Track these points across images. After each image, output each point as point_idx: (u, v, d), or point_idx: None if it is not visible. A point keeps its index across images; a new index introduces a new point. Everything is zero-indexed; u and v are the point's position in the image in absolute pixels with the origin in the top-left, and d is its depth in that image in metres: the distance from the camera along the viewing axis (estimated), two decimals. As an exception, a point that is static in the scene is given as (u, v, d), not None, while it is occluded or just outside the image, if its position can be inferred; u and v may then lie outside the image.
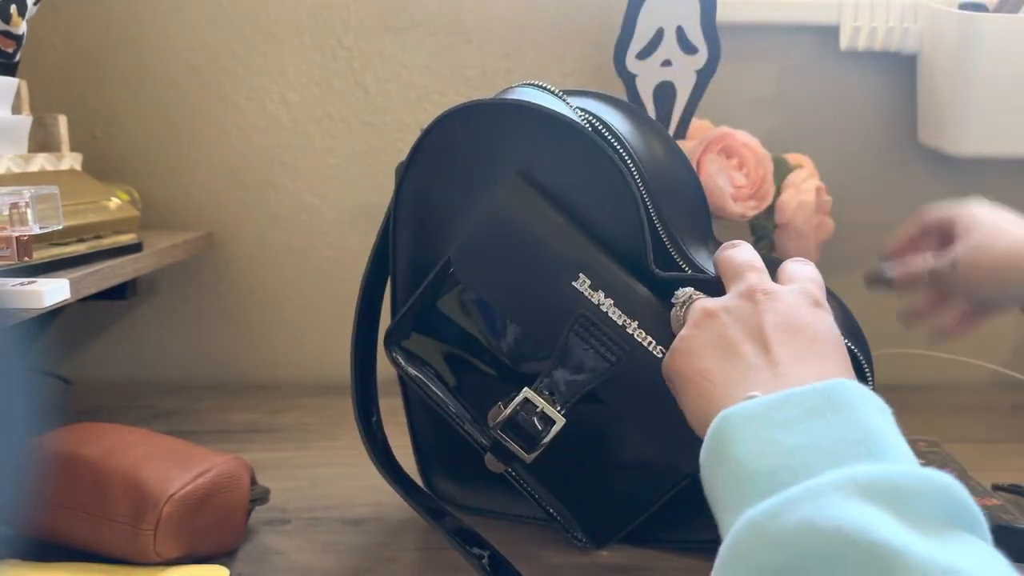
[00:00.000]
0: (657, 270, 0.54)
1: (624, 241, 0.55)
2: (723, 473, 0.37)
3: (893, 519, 0.31)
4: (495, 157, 0.57)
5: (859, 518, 0.31)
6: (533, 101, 0.56)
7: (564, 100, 0.58)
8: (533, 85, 0.60)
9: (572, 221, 0.55)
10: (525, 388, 0.54)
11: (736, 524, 0.34)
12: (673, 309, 0.51)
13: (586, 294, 0.54)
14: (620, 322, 0.53)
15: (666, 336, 0.52)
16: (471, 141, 0.57)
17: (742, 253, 0.50)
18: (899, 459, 0.35)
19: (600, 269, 0.54)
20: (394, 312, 0.63)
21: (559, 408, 0.54)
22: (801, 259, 0.50)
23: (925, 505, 0.32)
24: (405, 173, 0.60)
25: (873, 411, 0.37)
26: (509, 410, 0.54)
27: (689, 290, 0.51)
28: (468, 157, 0.58)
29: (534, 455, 0.54)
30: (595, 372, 0.54)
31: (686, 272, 0.56)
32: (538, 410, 0.54)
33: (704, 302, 0.48)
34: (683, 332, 0.47)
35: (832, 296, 0.64)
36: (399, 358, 0.59)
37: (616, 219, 0.55)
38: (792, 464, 0.35)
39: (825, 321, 0.45)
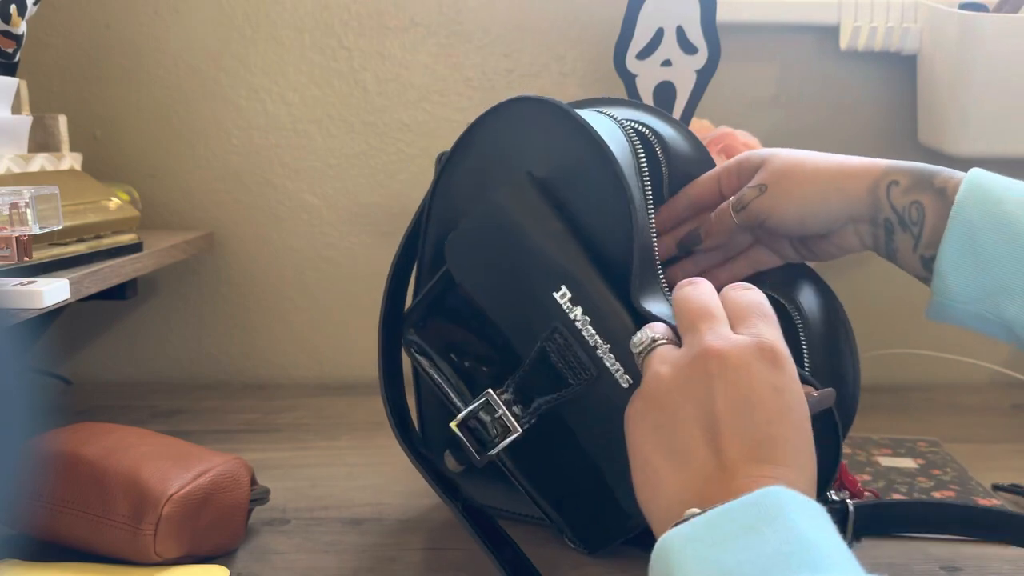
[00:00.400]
0: (642, 306, 0.52)
1: (620, 267, 0.53)
2: None
3: None
4: (521, 157, 0.56)
5: None
6: (579, 112, 0.55)
7: (610, 116, 0.59)
8: (597, 110, 0.60)
9: (570, 232, 0.54)
10: (488, 390, 0.53)
11: None
12: (635, 352, 0.48)
13: (564, 307, 0.52)
14: (592, 342, 0.52)
15: (638, 370, 0.49)
16: (505, 140, 0.57)
17: (697, 296, 0.47)
18: (838, 568, 0.34)
19: (584, 285, 0.52)
20: (415, 296, 0.63)
21: (519, 416, 0.53)
22: (742, 285, 0.48)
23: None
24: (445, 165, 0.60)
25: (809, 518, 0.36)
26: (467, 410, 0.53)
27: (649, 335, 0.47)
28: (497, 155, 0.57)
29: (485, 459, 0.53)
30: (559, 388, 0.53)
31: (660, 310, 0.53)
32: (497, 415, 0.53)
33: (657, 360, 0.45)
34: (636, 403, 0.45)
35: (820, 287, 0.63)
36: (409, 344, 0.59)
37: (616, 244, 0.53)
38: None
39: (780, 389, 0.42)
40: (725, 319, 0.45)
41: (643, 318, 0.51)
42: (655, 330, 0.47)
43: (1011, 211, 0.55)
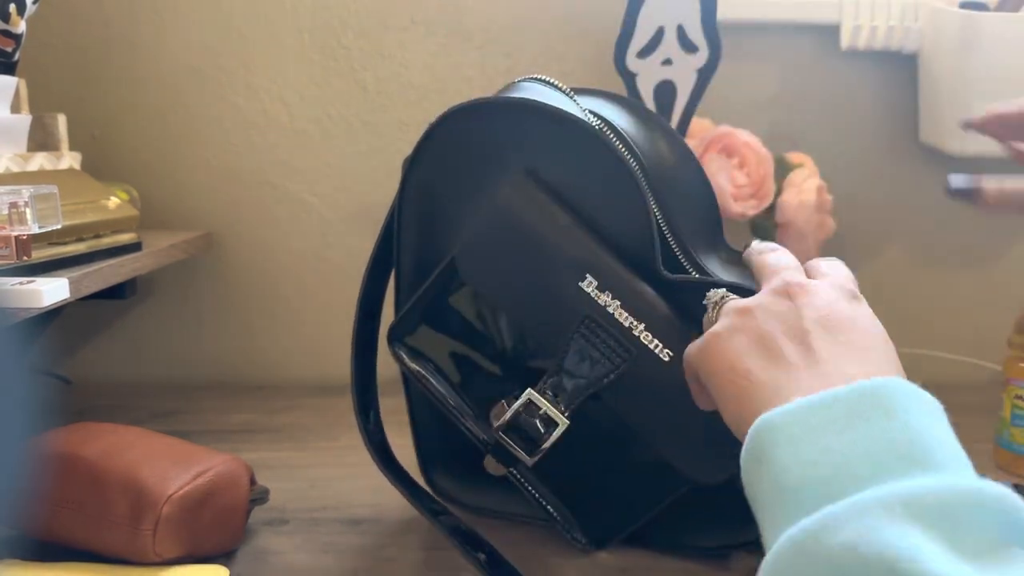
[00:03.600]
0: (666, 272, 0.54)
1: (631, 243, 0.54)
2: (764, 480, 0.35)
3: (941, 544, 0.30)
4: (502, 155, 0.56)
5: (904, 545, 0.29)
6: (541, 99, 0.55)
7: (572, 98, 0.58)
8: (542, 80, 0.59)
9: (579, 222, 0.54)
10: (528, 389, 0.54)
11: (778, 542, 0.33)
12: (705, 312, 0.49)
13: (593, 295, 0.53)
14: (627, 324, 0.53)
15: (674, 339, 0.52)
16: (478, 138, 0.57)
17: (782, 258, 0.48)
18: (950, 468, 0.33)
19: (607, 270, 0.53)
20: (397, 308, 0.63)
21: (562, 410, 0.53)
22: (830, 258, 0.49)
23: (977, 523, 0.30)
24: (410, 168, 0.59)
25: (923, 413, 0.35)
26: (511, 412, 0.54)
27: (722, 291, 0.49)
28: (475, 154, 0.57)
29: (536, 458, 0.54)
30: (600, 375, 0.53)
31: (692, 276, 0.55)
32: (540, 412, 0.53)
33: (738, 301, 0.46)
34: (715, 328, 0.45)
35: None
36: (402, 354, 0.59)
37: (624, 221, 0.54)
38: (836, 475, 0.33)
39: (865, 313, 0.43)
40: (802, 269, 0.46)
41: (673, 290, 0.53)
42: (722, 290, 0.49)
43: None
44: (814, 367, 0.39)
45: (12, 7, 0.75)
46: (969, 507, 0.31)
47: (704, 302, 0.50)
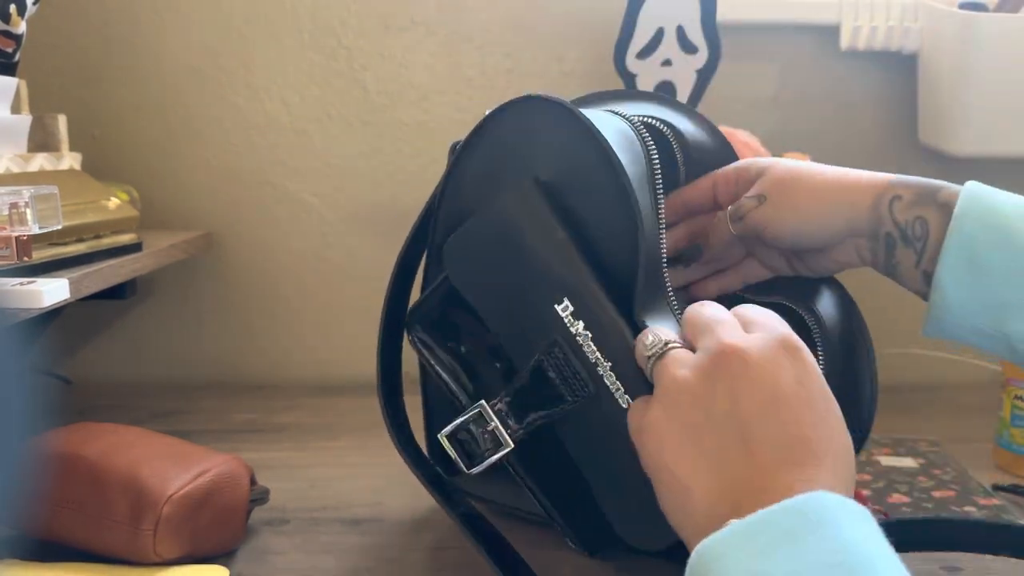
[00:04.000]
0: (645, 322, 0.50)
1: (624, 282, 0.51)
2: None
3: None
4: (533, 160, 0.55)
5: None
6: (598, 114, 0.54)
7: (617, 112, 0.57)
8: (610, 110, 0.58)
9: (574, 243, 0.51)
10: (481, 400, 0.52)
11: None
12: (643, 356, 0.46)
13: (565, 320, 0.50)
14: (592, 359, 0.50)
15: (639, 388, 0.48)
16: (519, 136, 0.55)
17: (708, 308, 0.46)
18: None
19: (587, 299, 0.50)
20: (423, 291, 0.62)
21: (511, 431, 0.51)
22: (751, 305, 0.47)
23: None
24: (460, 153, 0.58)
25: (851, 523, 0.35)
26: (459, 420, 0.52)
27: (662, 338, 0.45)
28: (514, 153, 0.55)
29: (475, 471, 0.52)
30: (555, 403, 0.51)
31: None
32: (489, 428, 0.51)
33: (673, 364, 0.44)
34: (652, 410, 0.43)
35: (839, 295, 0.63)
36: (416, 340, 0.58)
37: (621, 259, 0.51)
38: None
39: (806, 377, 0.41)
40: (738, 323, 0.44)
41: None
42: (666, 334, 0.46)
43: (1011, 223, 0.53)
44: (754, 478, 0.39)
45: (12, 8, 0.75)
46: None
47: (639, 346, 0.47)
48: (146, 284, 1.02)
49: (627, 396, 0.48)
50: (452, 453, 0.52)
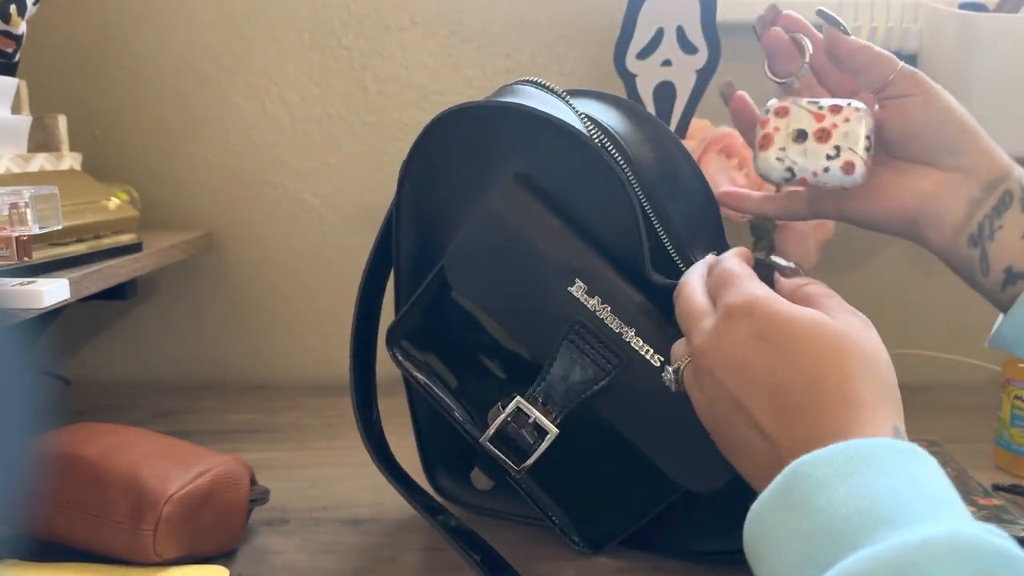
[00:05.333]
0: (656, 276, 0.53)
1: (622, 248, 0.54)
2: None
3: None
4: (494, 158, 0.56)
5: None
6: (531, 104, 0.55)
7: (566, 100, 0.58)
8: (536, 84, 0.60)
9: (569, 226, 0.54)
10: (517, 397, 0.53)
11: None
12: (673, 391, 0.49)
13: (582, 300, 0.53)
14: (617, 330, 0.52)
15: (665, 344, 0.51)
16: (469, 141, 0.57)
17: (683, 301, 0.48)
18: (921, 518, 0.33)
19: (597, 275, 0.53)
20: (397, 309, 0.63)
21: (553, 418, 0.53)
22: (724, 259, 0.48)
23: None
24: (406, 171, 0.60)
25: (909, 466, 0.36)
26: (499, 420, 0.53)
27: (670, 371, 0.48)
28: (467, 157, 0.57)
29: (524, 467, 0.53)
30: (590, 381, 0.53)
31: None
32: (530, 420, 0.53)
33: (689, 385, 0.47)
34: (694, 397, 0.47)
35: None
36: (400, 357, 0.59)
37: (614, 225, 0.54)
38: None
39: (766, 325, 0.42)
40: (705, 310, 0.46)
41: (659, 293, 0.52)
42: (673, 358, 0.49)
43: None
44: (775, 455, 0.41)
45: (12, 8, 0.75)
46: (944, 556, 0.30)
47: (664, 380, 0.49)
48: (146, 284, 1.02)
49: (658, 356, 0.52)
50: (499, 455, 0.53)
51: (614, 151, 0.55)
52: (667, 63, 0.86)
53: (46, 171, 0.79)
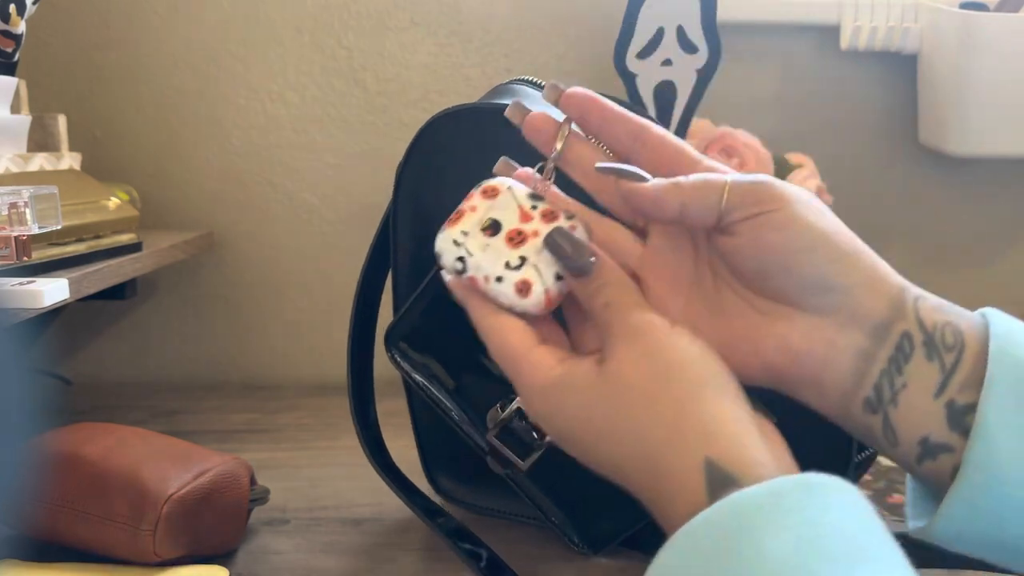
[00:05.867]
0: None
1: None
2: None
3: None
4: (490, 159, 0.56)
5: None
6: (525, 104, 0.55)
7: None
8: (533, 83, 0.59)
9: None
10: (517, 397, 0.53)
11: None
12: None
13: None
14: None
15: None
16: (466, 142, 0.57)
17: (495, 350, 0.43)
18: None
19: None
20: (395, 310, 0.63)
21: None
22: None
23: None
24: (402, 173, 0.60)
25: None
26: (503, 417, 0.53)
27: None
28: (464, 158, 0.57)
29: (529, 463, 0.54)
30: None
31: None
32: (531, 420, 0.53)
33: None
34: None
35: None
36: (398, 358, 0.59)
37: None
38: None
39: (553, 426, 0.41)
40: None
41: None
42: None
43: None
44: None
45: (12, 7, 0.75)
46: None
47: None
48: (146, 284, 1.01)
49: None
50: (506, 451, 0.53)
51: (608, 151, 0.55)
52: (667, 63, 0.86)
53: (46, 171, 0.79)
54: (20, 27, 0.76)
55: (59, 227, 0.68)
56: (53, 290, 0.61)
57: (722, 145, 0.86)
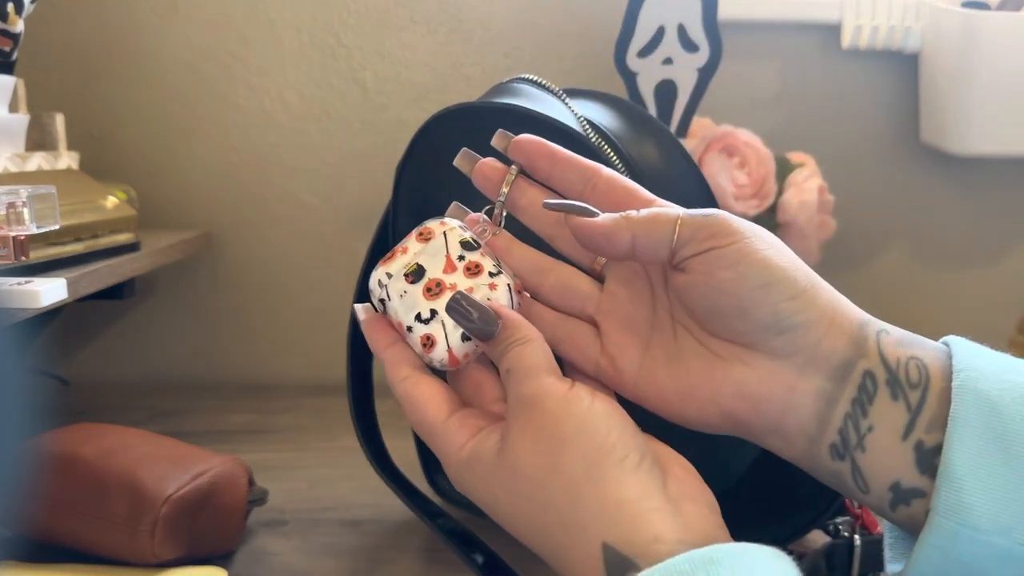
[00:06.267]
0: None
1: None
2: None
3: None
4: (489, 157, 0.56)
5: None
6: (527, 103, 0.55)
7: (562, 99, 0.58)
8: (533, 82, 0.59)
9: None
10: None
11: None
12: None
13: None
14: None
15: None
16: (466, 142, 0.57)
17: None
18: None
19: None
20: None
21: None
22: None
23: None
24: (401, 172, 0.60)
25: None
26: None
27: None
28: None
29: None
30: None
31: None
32: None
33: None
34: None
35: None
36: None
37: None
38: None
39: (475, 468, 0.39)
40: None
41: None
42: None
43: None
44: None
45: (10, 6, 0.74)
46: None
47: None
48: (145, 284, 1.01)
49: None
50: None
51: (610, 152, 0.55)
52: (668, 61, 0.86)
53: (44, 170, 0.79)
54: (18, 26, 0.76)
55: (58, 227, 0.67)
56: (51, 290, 0.61)
57: (723, 144, 0.85)
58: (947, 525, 0.34)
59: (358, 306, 0.45)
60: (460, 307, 0.40)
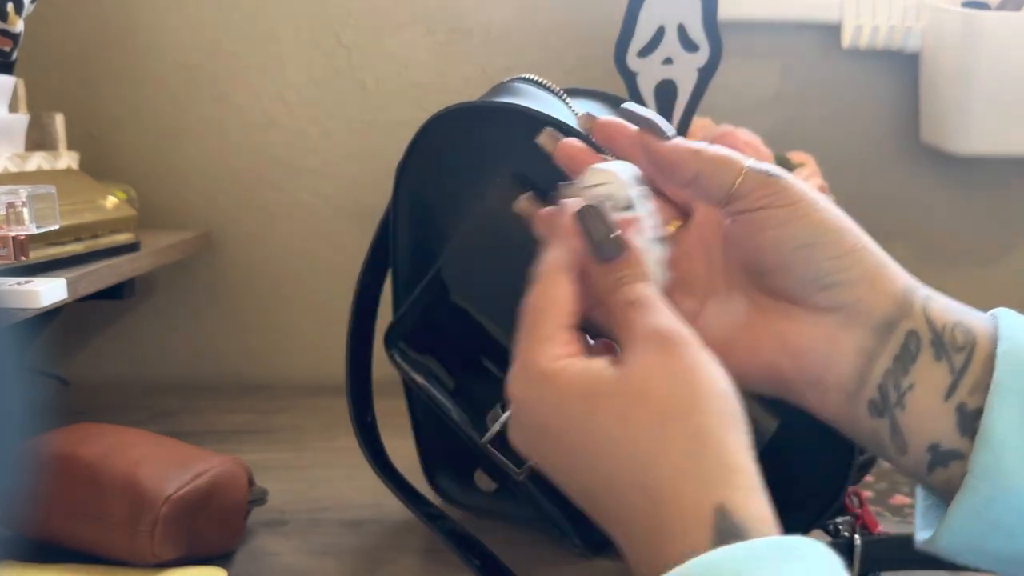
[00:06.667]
0: None
1: None
2: None
3: None
4: (490, 158, 0.56)
5: None
6: (528, 103, 0.55)
7: (563, 99, 0.58)
8: (533, 82, 0.59)
9: None
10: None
11: None
12: None
13: None
14: None
15: None
16: (466, 142, 0.57)
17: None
18: None
19: None
20: (395, 310, 0.62)
21: None
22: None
23: None
24: (402, 172, 0.60)
25: None
26: (498, 425, 0.53)
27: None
28: (464, 157, 0.57)
29: (525, 469, 0.53)
30: None
31: None
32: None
33: None
34: None
35: None
36: (398, 358, 0.59)
37: None
38: None
39: (551, 398, 0.36)
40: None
41: None
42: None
43: None
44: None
45: (10, 6, 0.74)
46: None
47: None
48: (144, 284, 1.01)
49: None
50: (501, 457, 0.52)
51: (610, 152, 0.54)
52: (668, 61, 0.85)
53: (43, 170, 0.79)
54: (18, 26, 0.76)
55: (57, 227, 0.67)
56: (51, 290, 0.61)
57: (723, 144, 0.85)
58: (983, 488, 0.34)
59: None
60: (589, 220, 0.38)
